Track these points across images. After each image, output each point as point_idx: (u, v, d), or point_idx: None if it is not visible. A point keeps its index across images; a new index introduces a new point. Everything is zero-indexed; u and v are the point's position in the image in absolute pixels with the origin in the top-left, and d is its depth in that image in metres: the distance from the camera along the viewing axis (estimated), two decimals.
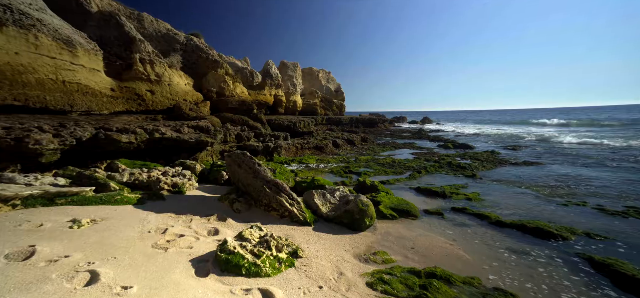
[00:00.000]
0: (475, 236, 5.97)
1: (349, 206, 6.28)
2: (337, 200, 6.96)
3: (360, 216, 6.03)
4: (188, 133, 11.62)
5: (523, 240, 5.81)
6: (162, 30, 26.07)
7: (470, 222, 6.79)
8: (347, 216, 6.14)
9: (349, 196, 6.78)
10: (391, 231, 6.14)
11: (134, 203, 6.23)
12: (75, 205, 5.50)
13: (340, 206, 6.65)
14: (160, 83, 18.70)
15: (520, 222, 6.42)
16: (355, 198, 6.50)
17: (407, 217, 7.00)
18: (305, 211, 6.31)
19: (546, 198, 8.55)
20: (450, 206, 7.84)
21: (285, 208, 6.22)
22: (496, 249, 5.38)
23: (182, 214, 6.10)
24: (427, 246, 5.39)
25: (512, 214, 7.23)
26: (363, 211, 6.07)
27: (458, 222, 6.78)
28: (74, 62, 14.39)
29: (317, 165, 14.30)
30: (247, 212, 6.66)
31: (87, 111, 14.38)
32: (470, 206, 7.82)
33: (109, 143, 9.06)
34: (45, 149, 6.88)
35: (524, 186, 9.94)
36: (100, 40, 18.02)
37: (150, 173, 7.86)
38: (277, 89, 34.60)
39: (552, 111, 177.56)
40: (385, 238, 5.76)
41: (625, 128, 37.37)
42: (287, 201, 6.28)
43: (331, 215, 6.36)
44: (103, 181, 6.50)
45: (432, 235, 6.00)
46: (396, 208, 7.21)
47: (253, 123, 18.46)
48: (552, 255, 5.17)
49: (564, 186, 9.85)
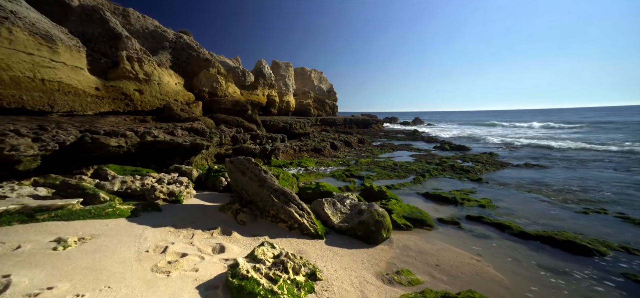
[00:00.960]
0: (502, 251, 5.61)
1: (363, 217, 5.84)
2: (348, 209, 6.52)
3: (376, 229, 5.60)
4: (182, 135, 10.94)
5: (556, 255, 5.44)
6: (149, 27, 25.01)
7: (491, 233, 6.46)
8: (362, 228, 5.70)
9: (361, 206, 6.34)
10: (409, 244, 5.74)
11: (127, 215, 5.61)
12: (60, 220, 4.85)
13: (352, 216, 6.21)
14: (149, 82, 17.80)
15: (545, 234, 6.09)
16: (369, 208, 6.06)
17: (422, 227, 6.64)
18: (316, 223, 5.84)
19: (561, 205, 8.34)
20: (465, 215, 7.52)
21: (294, 220, 5.73)
22: (531, 267, 4.99)
23: (182, 228, 5.53)
24: (453, 264, 4.99)
25: (532, 224, 6.93)
26: (379, 222, 5.63)
27: (478, 233, 6.44)
28: (55, 59, 13.42)
29: (317, 168, 13.83)
30: (252, 224, 6.13)
31: (70, 111, 13.44)
32: (486, 214, 7.52)
33: (96, 147, 8.32)
34: (23, 155, 6.15)
35: (533, 191, 9.77)
36: (82, 36, 17.00)
37: (144, 181, 7.21)
38: (270, 89, 33.92)
39: (532, 112, 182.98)
40: (405, 253, 5.35)
41: (602, 129, 38.73)
42: (297, 212, 5.80)
43: (344, 227, 5.91)
44: (92, 192, 5.84)
45: (454, 249, 5.61)
46: (409, 217, 6.85)
47: (248, 124, 17.81)
48: (596, 275, 4.73)
49: (574, 191, 9.70)
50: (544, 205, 8.43)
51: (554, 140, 26.27)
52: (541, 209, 8.07)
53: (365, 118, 51.79)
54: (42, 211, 4.67)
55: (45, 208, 4.72)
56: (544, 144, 22.93)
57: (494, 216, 7.37)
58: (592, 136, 30.54)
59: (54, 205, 4.81)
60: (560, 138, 28.85)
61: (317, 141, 19.43)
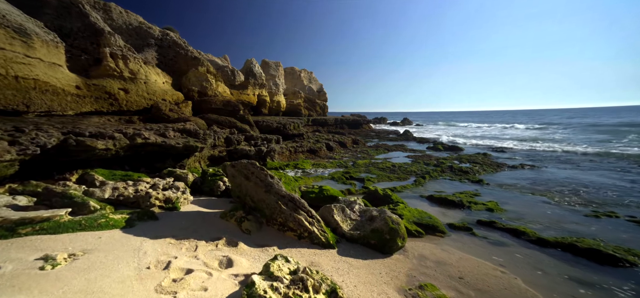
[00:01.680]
0: (524, 261, 5.36)
1: (376, 224, 5.57)
2: (358, 215, 6.23)
3: (391, 237, 5.31)
4: (174, 137, 10.37)
5: (583, 266, 5.20)
6: (133, 23, 23.96)
7: (507, 240, 6.26)
8: (376, 236, 5.40)
9: (372, 212, 6.06)
10: (425, 253, 5.47)
11: (122, 226, 5.13)
12: (46, 233, 4.33)
13: (363, 223, 5.92)
14: (135, 81, 16.96)
15: (565, 241, 5.88)
16: (381, 215, 5.79)
17: (434, 234, 6.41)
18: (326, 231, 5.52)
19: (569, 208, 8.26)
20: (475, 219, 7.34)
21: (304, 228, 5.39)
22: (564, 282, 4.68)
23: (184, 238, 5.10)
24: (477, 276, 4.72)
25: (546, 229, 6.77)
26: (394, 230, 5.35)
27: (494, 240, 6.23)
28: (30, 54, 12.48)
29: (314, 171, 13.52)
30: (258, 233, 5.75)
31: (48, 111, 12.53)
32: (496, 218, 7.35)
33: (81, 150, 7.70)
34: (0, 161, 5.54)
35: (537, 193, 9.76)
36: (59, 31, 15.98)
37: (137, 187, 6.69)
38: (261, 89, 33.33)
39: (512, 113, 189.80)
40: (423, 264, 5.07)
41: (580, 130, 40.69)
42: (307, 220, 5.47)
43: (356, 235, 5.60)
44: (80, 200, 5.31)
45: (474, 258, 5.36)
46: (420, 222, 6.61)
47: (241, 125, 17.28)
48: (637, 289, 4.43)
49: (578, 193, 9.69)
50: (551, 208, 8.42)
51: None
52: (550, 212, 8.02)
53: (356, 119, 51.89)
54: (25, 224, 4.15)
55: (29, 220, 4.20)
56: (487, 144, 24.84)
57: (505, 221, 7.26)
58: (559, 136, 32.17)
59: (39, 217, 4.29)
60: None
61: (312, 142, 19.12)
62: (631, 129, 35.71)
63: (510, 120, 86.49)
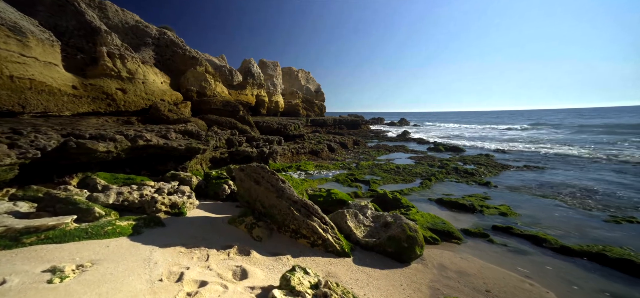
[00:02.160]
0: (552, 271, 5.13)
1: (393, 231, 5.39)
2: (371, 221, 6.08)
3: (409, 245, 5.13)
4: (176, 138, 10.17)
5: (618, 278, 4.89)
6: (129, 22, 23.59)
7: (527, 248, 6.01)
8: (393, 244, 5.21)
9: (386, 218, 5.91)
10: (444, 262, 5.27)
11: (129, 233, 4.94)
12: (52, 242, 4.13)
13: (378, 229, 5.78)
14: (133, 81, 16.66)
15: (591, 249, 5.64)
16: (396, 221, 5.64)
17: (450, 240, 6.21)
18: (340, 238, 5.36)
19: (586, 213, 8.04)
20: (490, 225, 7.12)
21: (318, 236, 5.23)
22: (601, 296, 4.41)
23: (194, 247, 4.93)
24: (504, 289, 4.48)
25: (566, 235, 6.56)
26: (412, 238, 5.18)
27: (513, 248, 6.03)
28: (25, 53, 12.19)
29: (318, 172, 13.39)
30: (269, 240, 5.59)
31: (44, 112, 12.23)
32: (512, 223, 7.12)
33: (82, 153, 7.48)
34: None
35: (548, 195, 9.59)
36: (54, 30, 15.60)
37: (142, 191, 6.49)
38: (259, 89, 33.09)
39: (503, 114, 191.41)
40: (444, 274, 4.86)
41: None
42: (321, 227, 5.30)
43: (371, 243, 5.44)
44: (85, 206, 5.11)
45: (498, 268, 5.11)
46: (434, 228, 6.45)
47: (242, 126, 17.07)
48: None
49: (589, 196, 9.46)
50: (566, 212, 8.24)
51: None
52: (567, 217, 7.81)
53: (354, 119, 51.92)
54: (29, 234, 3.95)
55: (34, 229, 4.01)
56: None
57: (522, 226, 7.04)
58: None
59: (44, 225, 4.10)
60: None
61: (313, 143, 18.98)
62: (628, 130, 36.13)
63: (506, 120, 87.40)
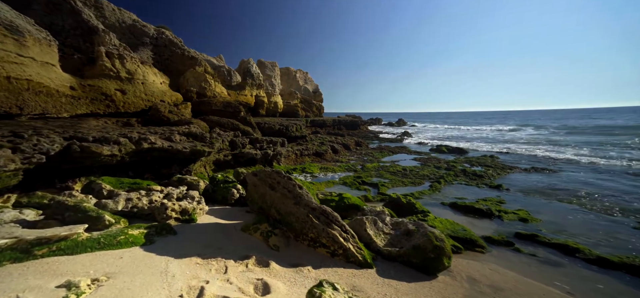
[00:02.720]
0: (597, 289, 4.75)
1: (417, 240, 5.18)
2: (391, 228, 5.90)
3: (436, 256, 4.89)
4: (180, 141, 9.96)
5: None
6: (126, 21, 23.25)
7: (560, 259, 5.74)
8: (418, 254, 4.98)
9: (407, 225, 5.72)
10: (474, 274, 4.99)
11: (141, 243, 4.75)
12: (64, 254, 3.93)
13: (399, 238, 5.61)
14: (132, 81, 16.38)
15: (632, 261, 5.29)
16: (419, 229, 5.45)
17: (473, 249, 5.94)
18: (362, 248, 5.18)
19: (609, 218, 7.79)
20: (512, 232, 6.82)
21: (338, 245, 5.03)
22: None
23: (210, 257, 4.73)
24: None
25: (597, 244, 6.23)
26: (439, 249, 4.94)
27: (544, 258, 5.72)
28: (22, 53, 11.88)
29: (324, 175, 13.24)
30: (286, 249, 5.40)
31: (42, 114, 11.93)
32: (535, 231, 6.81)
33: (85, 156, 7.25)
34: (4, 171, 5.09)
35: (564, 200, 9.32)
36: (50, 29, 15.30)
37: (151, 197, 6.29)
38: (258, 90, 32.86)
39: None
40: (477, 289, 4.58)
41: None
42: (341, 236, 5.11)
43: (394, 252, 5.23)
44: (95, 214, 4.91)
45: (535, 283, 4.78)
46: (455, 236, 6.23)
47: (244, 127, 16.86)
48: None
49: (606, 200, 9.22)
50: (588, 217, 7.95)
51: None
52: (590, 223, 7.52)
53: (353, 120, 51.85)
54: (41, 245, 3.75)
55: (46, 240, 3.81)
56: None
57: (547, 233, 6.74)
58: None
59: (56, 236, 3.90)
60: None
61: (316, 144, 18.83)
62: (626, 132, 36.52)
63: (502, 120, 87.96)
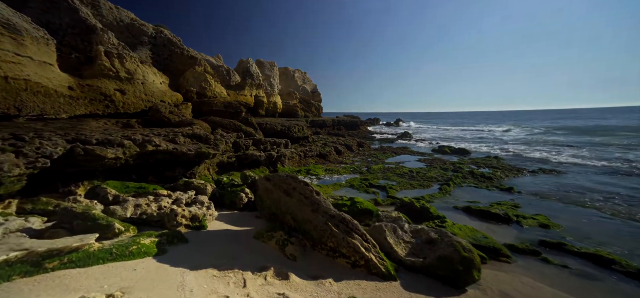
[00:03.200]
0: None
1: (442, 250, 4.94)
2: (411, 236, 5.70)
3: (464, 268, 4.64)
4: (185, 143, 9.75)
5: None
6: (124, 20, 22.91)
7: (594, 271, 5.37)
8: (445, 266, 4.75)
9: (429, 233, 5.53)
10: (506, 288, 4.73)
11: (154, 252, 4.55)
12: (75, 266, 3.73)
13: (421, 247, 5.41)
14: (132, 81, 16.09)
15: None
16: (442, 238, 5.23)
17: (497, 258, 5.67)
18: (384, 258, 4.97)
19: (635, 224, 7.44)
20: (535, 239, 6.55)
21: (360, 255, 4.82)
22: None
23: (227, 268, 4.50)
24: None
25: (630, 254, 5.91)
26: (468, 260, 4.68)
27: (578, 271, 5.35)
28: (20, 52, 11.61)
29: (329, 177, 13.08)
30: (303, 259, 5.19)
31: (40, 115, 11.65)
32: (559, 238, 6.54)
33: (89, 160, 7.03)
34: (8, 176, 4.87)
35: (581, 204, 9.09)
36: (46, 27, 15.00)
37: (160, 203, 6.09)
38: (258, 90, 32.62)
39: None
40: None
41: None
42: (362, 245, 4.91)
43: (418, 263, 5.00)
44: (105, 222, 4.71)
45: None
46: (477, 244, 5.99)
47: (246, 128, 16.65)
48: None
49: (623, 203, 8.96)
50: (612, 223, 7.67)
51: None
52: (615, 229, 7.22)
53: (353, 120, 51.77)
54: (52, 257, 3.55)
55: (57, 251, 3.61)
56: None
57: (573, 241, 6.43)
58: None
59: (68, 247, 3.70)
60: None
61: (320, 145, 18.67)
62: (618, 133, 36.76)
63: (498, 121, 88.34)
